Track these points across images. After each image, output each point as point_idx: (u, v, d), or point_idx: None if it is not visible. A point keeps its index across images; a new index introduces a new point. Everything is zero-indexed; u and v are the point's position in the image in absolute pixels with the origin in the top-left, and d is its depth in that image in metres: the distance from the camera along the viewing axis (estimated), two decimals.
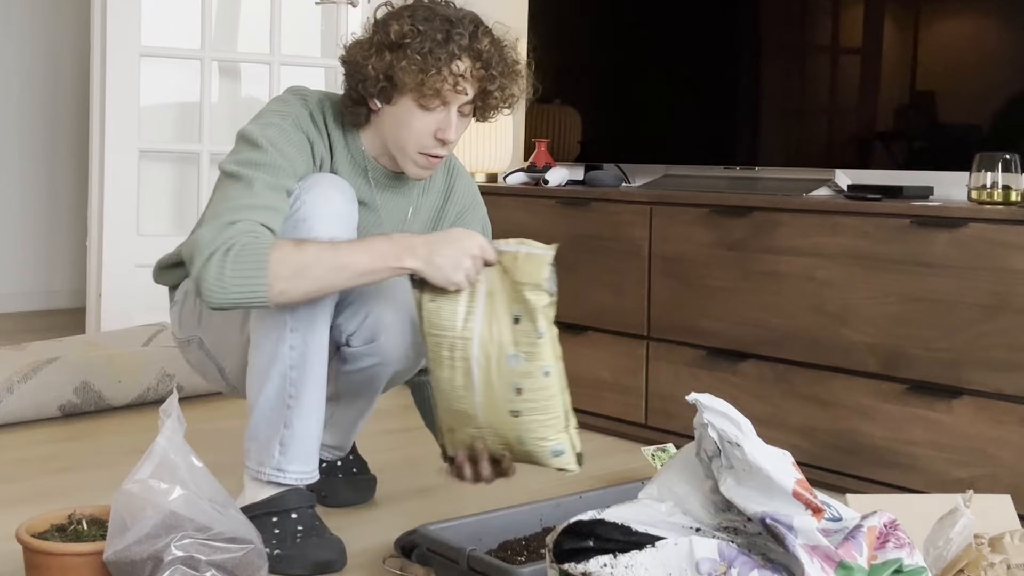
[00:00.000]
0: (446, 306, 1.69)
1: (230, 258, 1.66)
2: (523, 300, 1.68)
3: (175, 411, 1.58)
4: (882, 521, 1.33)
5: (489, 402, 1.70)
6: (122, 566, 1.53)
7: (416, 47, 1.77)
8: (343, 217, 1.81)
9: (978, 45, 2.54)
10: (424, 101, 1.81)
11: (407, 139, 1.85)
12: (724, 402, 1.32)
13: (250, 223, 1.70)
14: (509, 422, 1.71)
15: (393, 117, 1.86)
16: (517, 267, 1.69)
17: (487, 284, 1.70)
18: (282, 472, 1.85)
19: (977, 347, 2.19)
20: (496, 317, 1.69)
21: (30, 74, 4.72)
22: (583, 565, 1.29)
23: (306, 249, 1.68)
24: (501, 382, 1.69)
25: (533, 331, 1.69)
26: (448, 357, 1.70)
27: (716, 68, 3.02)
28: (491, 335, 1.69)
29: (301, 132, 1.85)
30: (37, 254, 4.80)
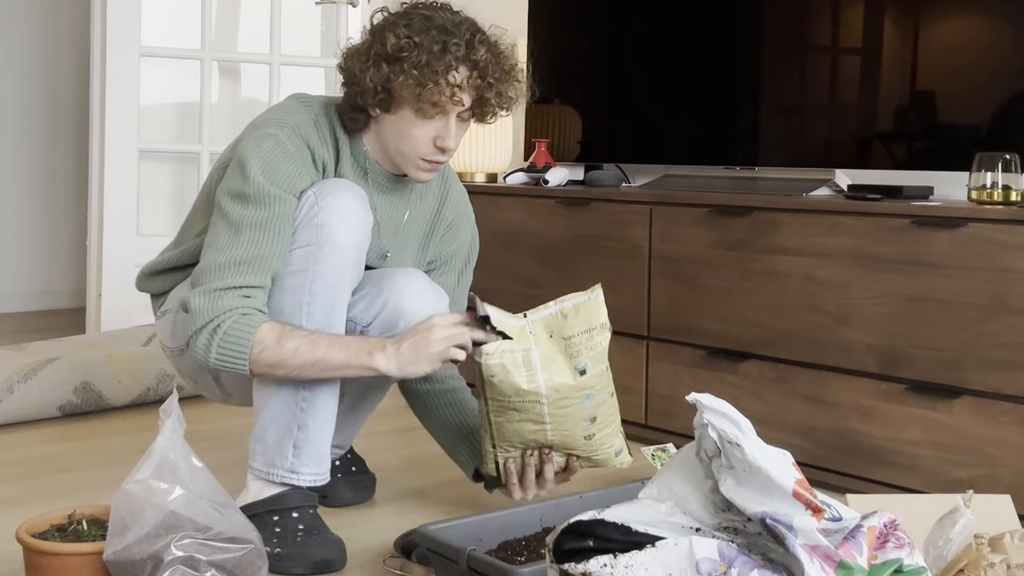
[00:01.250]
0: (505, 381, 1.73)
1: (216, 339, 1.74)
2: (588, 348, 1.76)
3: (175, 411, 1.58)
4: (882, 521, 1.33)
5: (563, 435, 1.80)
6: (122, 566, 1.53)
7: (412, 60, 1.78)
8: (359, 222, 1.84)
9: (978, 45, 2.54)
10: (422, 112, 1.82)
11: (407, 147, 1.87)
12: (724, 402, 1.32)
13: (236, 295, 1.76)
14: (582, 443, 1.82)
15: (392, 125, 1.87)
16: (569, 323, 1.76)
17: (539, 351, 1.75)
18: (296, 474, 1.86)
19: (977, 347, 2.19)
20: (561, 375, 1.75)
21: (30, 74, 4.72)
22: (583, 565, 1.29)
23: (286, 343, 1.74)
24: (576, 419, 1.79)
25: (603, 371, 1.79)
26: (515, 413, 1.77)
27: (716, 68, 3.02)
28: (559, 392, 1.75)
29: (300, 139, 1.85)
30: (37, 254, 4.80)
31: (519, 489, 1.88)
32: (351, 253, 1.84)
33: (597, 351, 1.78)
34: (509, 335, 1.75)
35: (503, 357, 1.73)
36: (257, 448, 1.88)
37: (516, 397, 1.74)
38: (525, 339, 1.76)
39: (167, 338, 2.05)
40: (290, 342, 1.74)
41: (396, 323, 1.92)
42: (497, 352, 1.73)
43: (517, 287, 3.04)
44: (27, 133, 4.74)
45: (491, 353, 1.73)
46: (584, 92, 3.37)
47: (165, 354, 2.09)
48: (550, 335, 1.76)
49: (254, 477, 1.89)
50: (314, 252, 1.81)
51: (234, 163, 1.85)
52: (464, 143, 3.27)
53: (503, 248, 2.16)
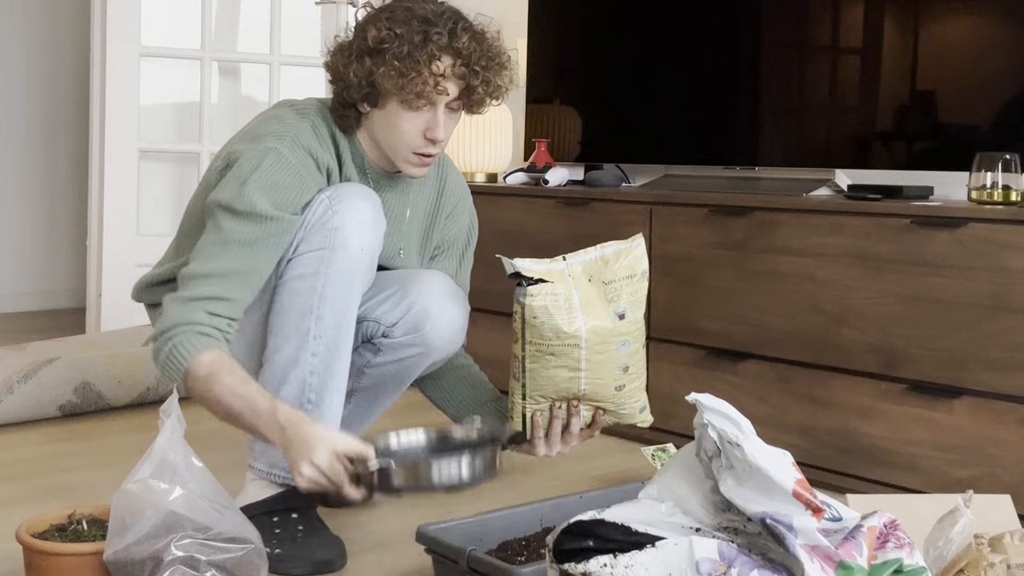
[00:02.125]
0: (548, 323, 1.69)
1: (165, 350, 1.73)
2: (629, 293, 1.74)
3: (175, 411, 1.58)
4: (882, 521, 1.33)
5: (595, 385, 1.76)
6: (122, 566, 1.53)
7: (394, 51, 1.77)
8: (372, 227, 1.84)
9: (978, 45, 2.54)
10: (408, 103, 1.81)
11: (398, 141, 1.86)
12: (724, 402, 1.32)
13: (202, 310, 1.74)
14: (612, 394, 1.78)
15: (382, 120, 1.86)
16: (610, 268, 1.74)
17: (578, 294, 1.72)
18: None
19: (977, 347, 2.19)
20: (600, 318, 1.72)
21: (30, 74, 4.72)
22: (583, 565, 1.29)
23: (212, 386, 1.71)
24: (610, 367, 1.75)
25: (640, 319, 1.77)
26: (552, 359, 1.72)
27: (716, 68, 3.02)
28: (599, 336, 1.71)
29: (302, 149, 1.84)
30: (37, 254, 4.80)
31: (544, 444, 1.82)
32: (363, 258, 1.84)
33: (636, 297, 1.76)
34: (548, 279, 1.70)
35: (546, 299, 1.69)
36: (257, 447, 1.87)
37: (556, 340, 1.70)
38: (565, 282, 1.72)
39: None
40: (216, 386, 1.72)
41: (423, 324, 1.94)
42: (541, 294, 1.69)
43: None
44: (27, 133, 4.74)
45: (535, 295, 1.69)
46: (584, 92, 3.37)
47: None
48: (589, 279, 1.74)
49: (254, 476, 1.89)
50: (326, 256, 1.80)
51: (233, 175, 1.81)
52: (464, 143, 3.28)
53: (503, 248, 2.17)
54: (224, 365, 1.73)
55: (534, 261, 1.72)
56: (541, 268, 1.72)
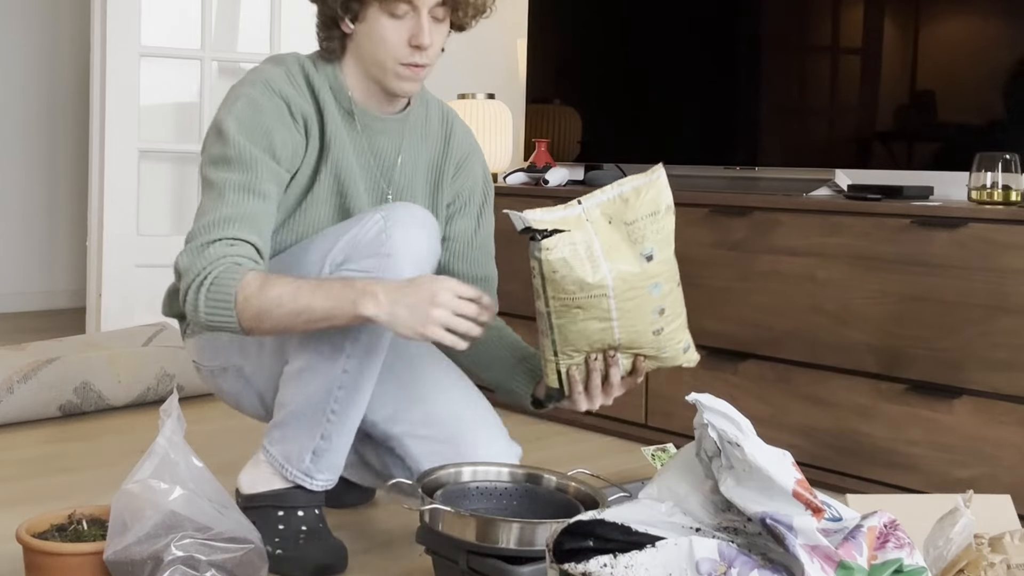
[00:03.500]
0: (569, 275, 1.56)
1: (203, 293, 1.65)
2: (655, 232, 1.60)
3: (175, 411, 1.58)
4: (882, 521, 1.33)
5: (630, 333, 1.64)
6: (122, 566, 1.53)
7: None
8: (425, 259, 1.77)
9: (978, 45, 2.54)
10: (390, 7, 1.75)
11: (384, 54, 1.79)
12: (724, 402, 1.32)
13: (223, 244, 1.67)
14: (651, 339, 1.66)
15: (365, 35, 1.80)
16: (630, 207, 1.60)
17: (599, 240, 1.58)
18: (310, 478, 1.83)
19: (977, 347, 2.19)
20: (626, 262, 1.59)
21: (30, 74, 4.72)
22: (583, 565, 1.29)
23: (269, 291, 1.63)
24: (643, 313, 1.62)
25: (670, 257, 1.64)
26: (580, 312, 1.60)
27: (716, 68, 3.02)
28: (627, 283, 1.59)
29: (273, 94, 1.79)
30: (37, 254, 4.80)
31: (585, 398, 1.71)
32: None
33: (663, 235, 1.62)
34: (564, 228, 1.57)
35: (564, 250, 1.55)
36: (275, 434, 1.84)
37: (581, 293, 1.57)
38: (583, 228, 1.58)
39: (201, 356, 1.98)
40: (273, 289, 1.62)
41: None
42: (558, 245, 1.55)
43: (517, 287, 3.03)
44: (27, 133, 4.74)
45: (551, 247, 1.55)
46: (584, 92, 3.37)
47: (201, 374, 2.02)
48: (609, 221, 1.60)
49: (267, 461, 1.85)
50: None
51: (211, 130, 1.79)
52: None
53: (503, 248, 2.16)
54: (271, 275, 1.66)
55: (546, 210, 1.59)
56: (554, 216, 1.58)
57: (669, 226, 1.63)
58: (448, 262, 2.01)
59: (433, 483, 1.70)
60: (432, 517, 1.61)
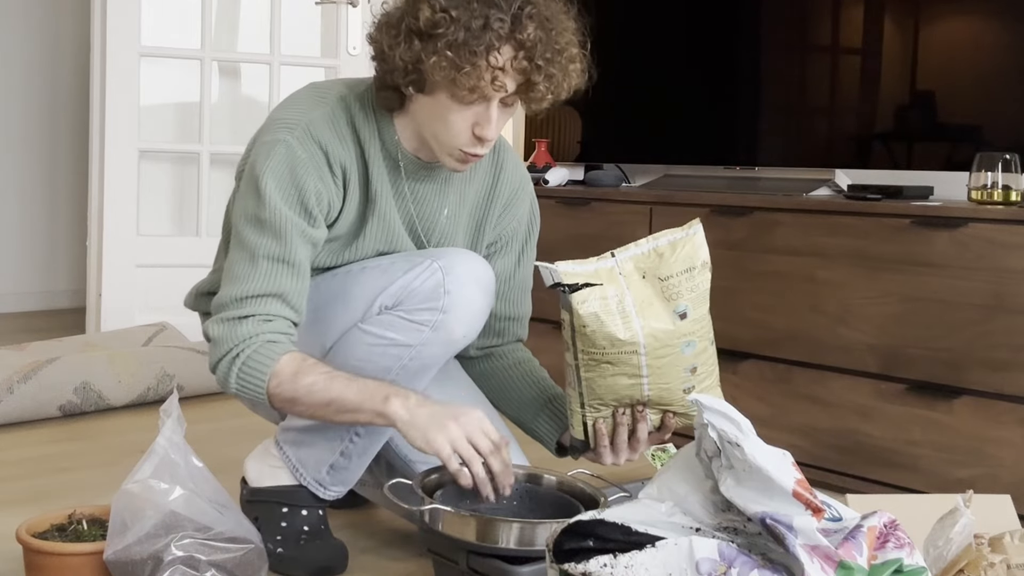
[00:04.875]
0: (600, 331, 1.54)
1: (235, 370, 1.64)
2: (689, 289, 1.57)
3: (175, 411, 1.58)
4: (882, 521, 1.33)
5: (660, 390, 1.61)
6: (122, 566, 1.53)
7: (448, 39, 1.55)
8: (478, 322, 1.74)
9: (978, 45, 2.54)
10: (458, 97, 1.60)
11: (444, 134, 1.66)
12: (724, 402, 1.32)
13: (257, 321, 1.64)
14: (680, 397, 1.63)
15: (427, 108, 1.66)
16: (665, 262, 1.57)
17: (632, 294, 1.56)
18: (323, 488, 1.82)
19: (977, 347, 2.19)
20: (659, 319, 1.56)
21: (30, 74, 4.72)
22: (583, 565, 1.29)
23: (302, 380, 1.62)
24: (675, 370, 1.59)
25: (704, 315, 1.60)
26: (609, 367, 1.58)
27: (716, 68, 3.02)
28: (658, 340, 1.56)
29: (313, 142, 1.68)
30: (37, 254, 4.80)
31: (610, 453, 1.68)
32: (459, 346, 1.75)
33: (698, 292, 1.58)
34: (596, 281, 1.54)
35: (595, 305, 1.53)
36: (293, 436, 1.81)
37: (611, 348, 1.54)
38: (616, 282, 1.55)
39: None
40: (307, 377, 1.62)
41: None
42: (589, 299, 1.53)
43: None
44: (27, 133, 4.74)
45: (584, 300, 1.52)
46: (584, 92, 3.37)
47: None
48: (642, 276, 1.57)
49: (281, 456, 1.82)
50: (426, 335, 1.69)
51: (247, 178, 1.70)
52: None
53: None
54: (308, 360, 1.64)
55: (577, 263, 1.55)
56: (586, 269, 1.55)
57: (705, 283, 1.60)
58: None
59: (433, 483, 1.70)
60: (432, 517, 1.61)
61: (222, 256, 1.87)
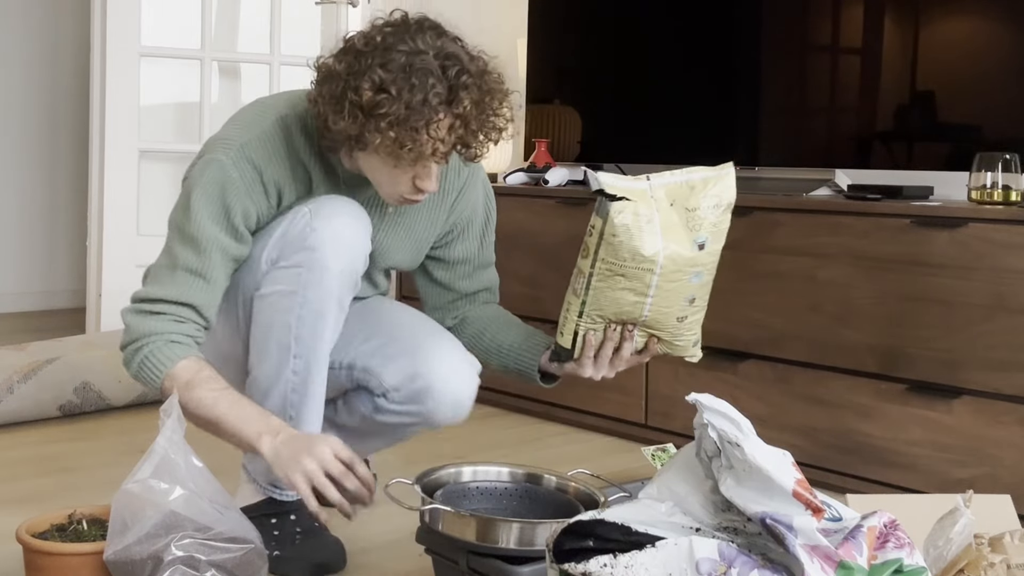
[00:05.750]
0: (627, 243, 1.59)
1: (136, 360, 1.73)
2: (712, 224, 1.64)
3: (175, 411, 1.58)
4: (882, 521, 1.33)
5: (658, 312, 1.69)
6: (122, 566, 1.53)
7: (390, 117, 1.62)
8: (353, 249, 1.78)
9: (978, 45, 2.54)
10: (400, 161, 1.69)
11: (384, 185, 1.76)
12: (724, 402, 1.32)
13: (166, 320, 1.73)
14: (672, 324, 1.72)
15: (368, 163, 1.75)
16: (695, 195, 1.63)
17: (660, 217, 1.61)
18: (279, 489, 1.87)
19: (977, 347, 2.19)
20: (680, 245, 1.62)
21: (30, 74, 4.72)
22: (583, 565, 1.29)
23: (192, 392, 1.68)
24: (678, 296, 1.67)
25: (717, 251, 1.68)
26: (622, 280, 1.63)
27: (716, 68, 3.02)
28: (675, 264, 1.62)
29: (246, 162, 1.75)
30: (37, 254, 4.80)
31: (592, 365, 1.75)
32: (345, 279, 1.78)
33: (719, 228, 1.65)
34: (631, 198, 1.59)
35: (629, 217, 1.58)
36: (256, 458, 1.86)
37: (631, 262, 1.60)
38: (647, 203, 1.61)
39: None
40: (196, 391, 1.69)
41: (424, 400, 1.89)
42: (625, 211, 1.58)
43: (517, 287, 3.03)
44: (27, 133, 4.74)
45: (620, 211, 1.58)
46: (584, 92, 3.37)
47: None
48: (671, 203, 1.62)
49: (246, 478, 1.89)
50: (304, 276, 1.75)
51: (183, 191, 1.80)
52: None
53: (503, 248, 2.16)
54: (203, 372, 1.72)
55: (617, 177, 1.61)
56: (623, 185, 1.61)
57: (726, 222, 1.67)
58: (450, 280, 2.05)
59: (433, 483, 1.71)
60: (432, 517, 1.61)
61: None
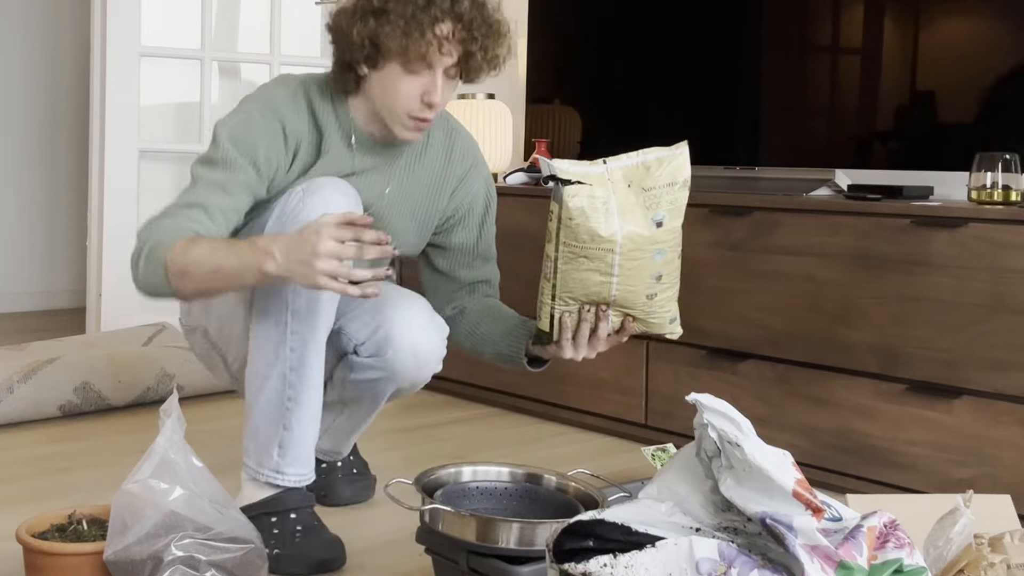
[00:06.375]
0: (584, 224, 1.65)
1: (142, 258, 1.75)
2: (669, 202, 1.70)
3: (175, 411, 1.58)
4: (882, 521, 1.33)
5: (626, 291, 1.73)
6: (122, 566, 1.53)
7: (399, 11, 1.77)
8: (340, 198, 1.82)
9: (978, 45, 2.54)
10: (409, 65, 1.80)
11: (395, 104, 1.84)
12: (724, 402, 1.32)
13: (172, 220, 1.77)
14: (643, 302, 1.75)
15: (380, 82, 1.85)
16: (651, 174, 1.70)
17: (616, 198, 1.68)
18: (281, 474, 1.86)
19: (977, 347, 2.19)
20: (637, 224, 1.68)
21: (30, 74, 4.72)
22: (583, 565, 1.29)
23: (190, 253, 1.70)
24: (643, 275, 1.71)
25: (678, 228, 1.73)
26: (585, 261, 1.69)
27: (716, 68, 3.02)
28: (634, 243, 1.67)
29: (271, 112, 1.86)
30: (37, 254, 4.80)
31: (571, 346, 1.80)
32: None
33: (676, 206, 1.72)
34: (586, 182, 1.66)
35: (584, 201, 1.65)
36: (250, 446, 1.88)
37: (591, 243, 1.67)
38: (604, 185, 1.68)
39: (184, 315, 2.06)
40: (194, 251, 1.70)
41: (385, 349, 1.95)
42: (579, 194, 1.65)
43: (517, 287, 3.03)
44: (27, 133, 4.74)
45: (575, 194, 1.65)
46: (584, 92, 3.37)
47: (183, 331, 2.09)
48: (628, 185, 1.70)
49: (247, 476, 1.89)
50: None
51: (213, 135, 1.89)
52: None
53: (503, 248, 2.17)
54: (199, 238, 1.74)
55: (573, 163, 1.69)
56: (579, 170, 1.68)
57: (683, 199, 1.72)
58: (450, 268, 2.10)
59: (433, 483, 1.71)
60: (432, 517, 1.61)
61: None
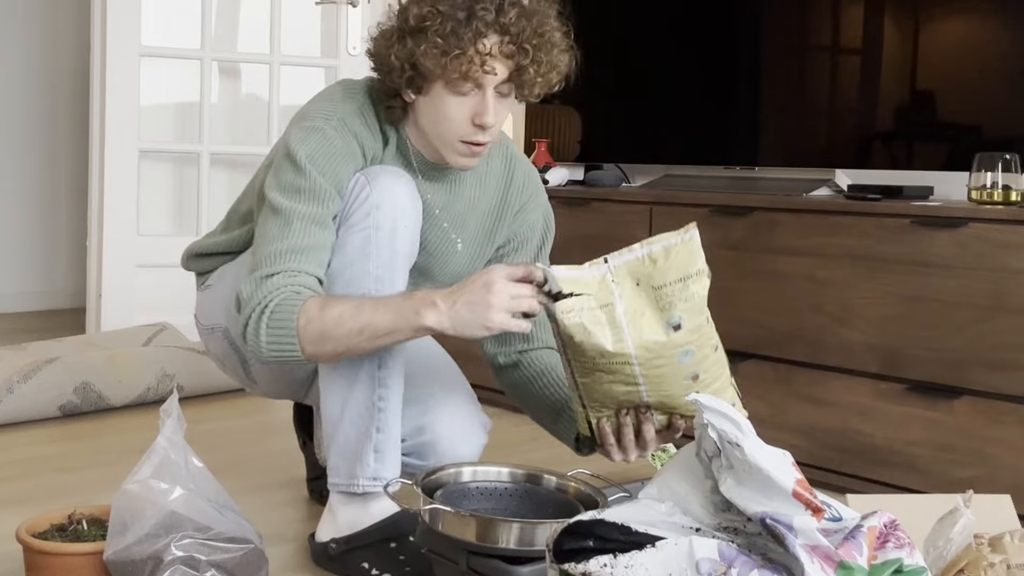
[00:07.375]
0: (587, 342, 1.50)
1: (264, 322, 1.61)
2: (683, 300, 1.51)
3: (175, 411, 1.58)
4: (882, 521, 1.33)
5: (660, 396, 1.57)
6: (122, 566, 1.53)
7: (437, 29, 1.63)
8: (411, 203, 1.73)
9: (978, 45, 2.54)
10: (454, 86, 1.67)
11: (445, 128, 1.72)
12: (724, 402, 1.32)
13: (286, 275, 1.64)
14: (684, 404, 1.58)
15: (427, 107, 1.73)
16: (659, 269, 1.52)
17: (623, 304, 1.51)
18: (378, 480, 1.74)
19: (977, 347, 2.19)
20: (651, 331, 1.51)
21: (30, 74, 4.72)
22: (583, 565, 1.29)
23: (330, 311, 1.59)
24: (675, 378, 1.55)
25: (703, 323, 1.53)
26: (603, 375, 1.55)
27: (716, 68, 3.02)
28: (651, 352, 1.51)
29: (348, 132, 1.74)
30: (37, 254, 4.80)
31: (617, 450, 1.67)
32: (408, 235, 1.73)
33: (694, 302, 1.51)
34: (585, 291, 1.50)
35: (582, 315, 1.49)
36: (340, 463, 1.76)
37: (601, 359, 1.51)
38: (607, 290, 1.51)
39: (201, 313, 1.98)
40: (334, 309, 1.58)
41: (427, 455, 1.87)
42: (576, 309, 1.49)
43: None
44: (27, 133, 4.74)
45: (569, 310, 1.49)
46: (584, 92, 3.37)
47: (198, 330, 2.01)
48: (636, 283, 1.51)
49: (335, 492, 1.77)
50: (372, 236, 1.70)
51: (281, 156, 1.74)
52: None
53: None
54: (333, 296, 1.64)
55: (570, 268, 1.52)
56: (574, 275, 1.52)
57: (702, 291, 1.53)
58: None
59: (433, 483, 1.70)
60: (432, 517, 1.61)
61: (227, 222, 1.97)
